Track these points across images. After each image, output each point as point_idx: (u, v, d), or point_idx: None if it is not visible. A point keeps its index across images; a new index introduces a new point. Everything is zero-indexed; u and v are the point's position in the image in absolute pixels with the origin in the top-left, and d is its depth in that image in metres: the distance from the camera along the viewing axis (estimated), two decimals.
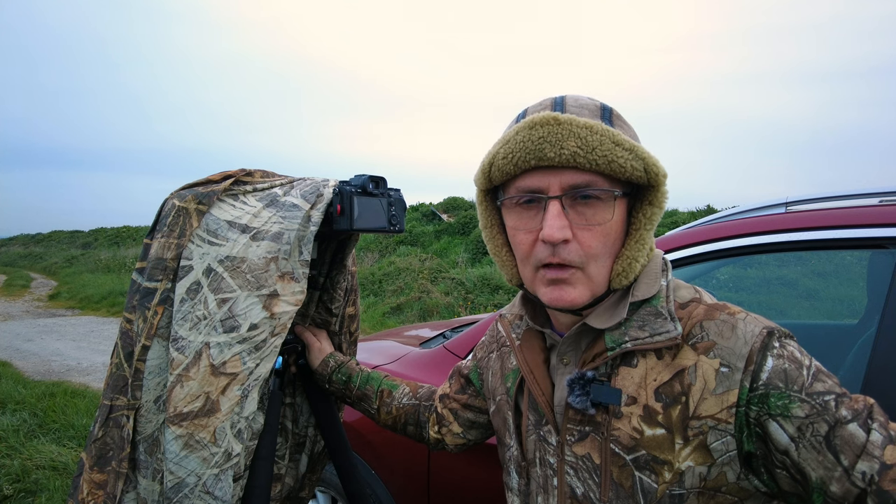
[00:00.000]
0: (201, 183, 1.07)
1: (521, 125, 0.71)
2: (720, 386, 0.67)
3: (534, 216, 0.73)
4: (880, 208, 1.26)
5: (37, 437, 3.67)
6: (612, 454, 0.72)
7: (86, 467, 0.99)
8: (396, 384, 1.18)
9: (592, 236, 0.70)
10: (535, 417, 0.82)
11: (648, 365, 0.72)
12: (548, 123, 0.69)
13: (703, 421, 0.67)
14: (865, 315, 2.07)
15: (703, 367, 0.68)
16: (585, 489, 0.74)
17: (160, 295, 0.99)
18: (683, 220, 10.32)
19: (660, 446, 0.69)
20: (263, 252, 1.02)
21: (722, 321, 0.70)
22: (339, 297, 1.26)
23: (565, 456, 0.76)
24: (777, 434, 0.64)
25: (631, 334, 0.72)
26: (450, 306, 8.06)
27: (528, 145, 0.69)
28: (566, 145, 0.68)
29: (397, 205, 1.18)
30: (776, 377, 0.65)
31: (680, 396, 0.69)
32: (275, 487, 1.24)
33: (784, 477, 0.65)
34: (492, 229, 0.83)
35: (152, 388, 0.99)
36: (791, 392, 0.64)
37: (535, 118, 0.70)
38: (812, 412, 0.63)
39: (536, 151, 0.69)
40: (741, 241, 1.37)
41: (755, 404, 0.65)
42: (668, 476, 0.68)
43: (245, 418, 1.00)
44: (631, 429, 0.71)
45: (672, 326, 0.71)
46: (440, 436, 1.08)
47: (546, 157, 0.69)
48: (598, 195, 0.70)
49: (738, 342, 0.68)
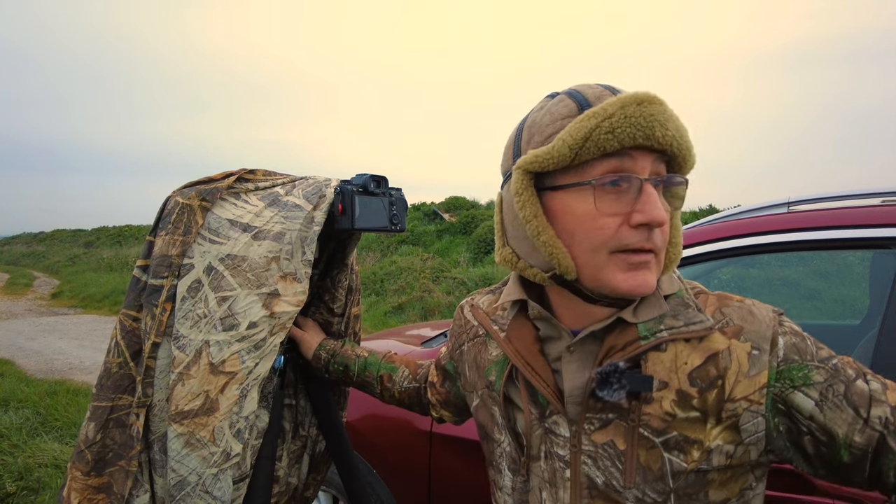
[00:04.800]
0: (203, 181, 1.07)
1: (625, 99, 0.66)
2: (753, 368, 0.69)
3: (617, 199, 0.68)
4: (883, 208, 1.25)
5: (39, 435, 3.68)
6: (640, 438, 0.71)
7: (77, 476, 0.97)
8: (395, 367, 1.16)
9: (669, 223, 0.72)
10: (538, 410, 0.79)
11: (678, 349, 0.72)
12: (655, 102, 0.66)
13: (738, 403, 0.69)
14: (868, 315, 2.07)
15: (736, 351, 0.70)
16: (607, 478, 0.72)
17: (167, 292, 0.99)
18: (685, 219, 10.30)
19: (692, 426, 0.70)
20: (265, 251, 1.02)
21: (738, 307, 0.73)
22: (340, 296, 1.26)
23: (582, 446, 0.74)
24: (803, 402, 0.68)
25: (667, 323, 0.73)
26: (451, 306, 8.06)
27: (640, 121, 0.65)
28: (670, 127, 0.67)
29: (398, 204, 1.18)
30: (790, 352, 0.69)
31: (716, 380, 0.70)
32: (274, 487, 1.24)
33: (810, 442, 0.69)
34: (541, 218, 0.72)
35: (164, 386, 0.99)
36: (807, 362, 0.69)
37: (640, 95, 0.66)
38: (828, 376, 0.68)
39: (647, 129, 0.65)
40: (743, 241, 1.37)
41: (778, 381, 0.69)
42: (696, 455, 0.69)
43: (244, 418, 1.00)
44: (663, 413, 0.70)
45: (703, 317, 0.73)
46: (440, 416, 1.10)
47: (654, 136, 0.66)
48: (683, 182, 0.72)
49: (762, 325, 0.71)
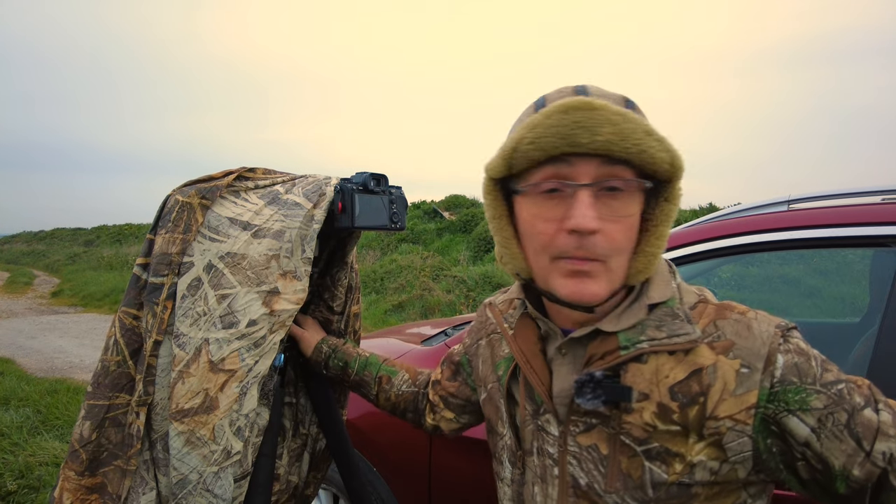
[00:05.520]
0: (203, 179, 1.07)
1: (551, 109, 0.66)
2: (740, 387, 0.66)
3: (556, 205, 0.69)
4: (883, 206, 1.25)
5: (40, 433, 3.68)
6: (622, 445, 0.71)
7: (70, 476, 0.97)
8: (395, 370, 1.16)
9: (619, 229, 0.68)
10: (533, 407, 0.81)
11: (659, 362, 0.70)
12: (582, 108, 0.65)
13: (722, 422, 0.66)
14: (867, 313, 2.07)
15: (723, 368, 0.67)
16: (589, 479, 0.73)
17: (167, 290, 0.99)
18: (685, 217, 10.30)
19: (673, 439, 0.68)
20: (265, 249, 1.02)
21: (735, 321, 0.69)
22: (340, 294, 1.26)
23: (568, 446, 0.75)
24: (798, 428, 0.64)
25: (648, 334, 0.71)
26: (451, 304, 8.06)
27: (561, 130, 0.65)
28: (600, 132, 0.64)
29: (398, 202, 1.18)
30: (789, 372, 0.65)
31: (698, 397, 0.67)
32: (274, 486, 1.24)
33: (804, 468, 0.65)
34: (500, 220, 0.77)
35: (166, 384, 0.99)
36: (806, 385, 0.64)
37: (567, 102, 0.66)
38: (830, 402, 0.64)
39: (569, 137, 0.65)
40: (743, 239, 1.37)
41: (772, 402, 0.65)
42: (679, 468, 0.68)
43: (245, 416, 1.00)
44: (643, 423, 0.69)
45: (691, 329, 0.70)
46: (436, 422, 1.07)
47: (579, 143, 0.65)
48: (625, 187, 0.67)
49: (757, 342, 0.67)
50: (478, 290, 8.48)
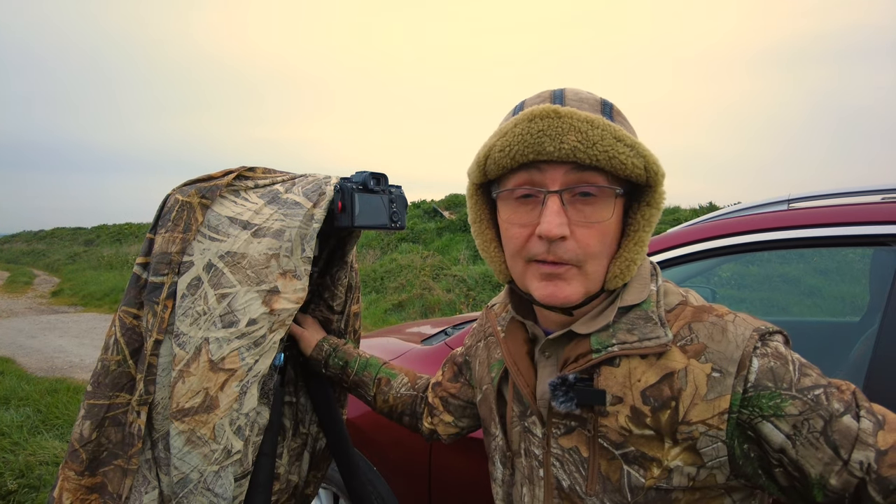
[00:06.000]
0: (203, 179, 1.07)
1: (519, 117, 0.68)
2: (712, 391, 0.65)
3: (529, 211, 0.70)
4: (883, 205, 1.25)
5: (40, 433, 3.68)
6: (601, 448, 0.71)
7: (69, 476, 0.97)
8: (395, 373, 1.17)
9: (591, 234, 0.68)
10: (520, 408, 0.81)
11: (632, 365, 0.70)
12: (547, 116, 0.66)
13: (694, 426, 0.66)
14: (867, 312, 2.07)
15: (694, 372, 0.67)
16: (571, 482, 0.73)
17: (168, 289, 0.99)
18: (685, 217, 10.30)
19: (649, 444, 0.68)
20: (265, 248, 1.02)
21: (711, 323, 0.69)
22: (340, 293, 1.26)
23: (551, 448, 0.76)
24: (772, 434, 0.63)
25: (619, 337, 0.71)
26: (451, 303, 8.06)
27: (527, 138, 0.67)
28: (566, 139, 0.65)
29: (398, 201, 1.18)
30: (764, 377, 0.64)
31: (669, 401, 0.67)
32: (274, 485, 1.24)
33: (782, 475, 0.65)
34: (481, 224, 0.80)
35: (166, 384, 0.99)
36: (781, 391, 0.63)
37: (534, 110, 0.67)
38: (805, 409, 0.62)
39: (535, 145, 0.67)
40: (743, 239, 1.37)
41: (746, 407, 0.64)
42: (656, 472, 0.68)
43: (245, 415, 1.00)
44: (619, 427, 0.70)
45: (662, 332, 0.69)
46: (433, 426, 1.07)
47: (545, 150, 0.66)
48: (598, 192, 0.68)
49: (730, 346, 0.66)
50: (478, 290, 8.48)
